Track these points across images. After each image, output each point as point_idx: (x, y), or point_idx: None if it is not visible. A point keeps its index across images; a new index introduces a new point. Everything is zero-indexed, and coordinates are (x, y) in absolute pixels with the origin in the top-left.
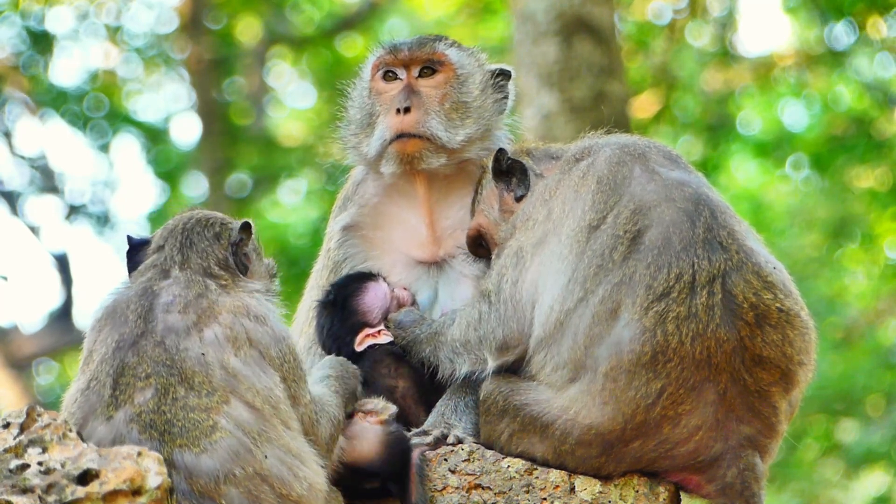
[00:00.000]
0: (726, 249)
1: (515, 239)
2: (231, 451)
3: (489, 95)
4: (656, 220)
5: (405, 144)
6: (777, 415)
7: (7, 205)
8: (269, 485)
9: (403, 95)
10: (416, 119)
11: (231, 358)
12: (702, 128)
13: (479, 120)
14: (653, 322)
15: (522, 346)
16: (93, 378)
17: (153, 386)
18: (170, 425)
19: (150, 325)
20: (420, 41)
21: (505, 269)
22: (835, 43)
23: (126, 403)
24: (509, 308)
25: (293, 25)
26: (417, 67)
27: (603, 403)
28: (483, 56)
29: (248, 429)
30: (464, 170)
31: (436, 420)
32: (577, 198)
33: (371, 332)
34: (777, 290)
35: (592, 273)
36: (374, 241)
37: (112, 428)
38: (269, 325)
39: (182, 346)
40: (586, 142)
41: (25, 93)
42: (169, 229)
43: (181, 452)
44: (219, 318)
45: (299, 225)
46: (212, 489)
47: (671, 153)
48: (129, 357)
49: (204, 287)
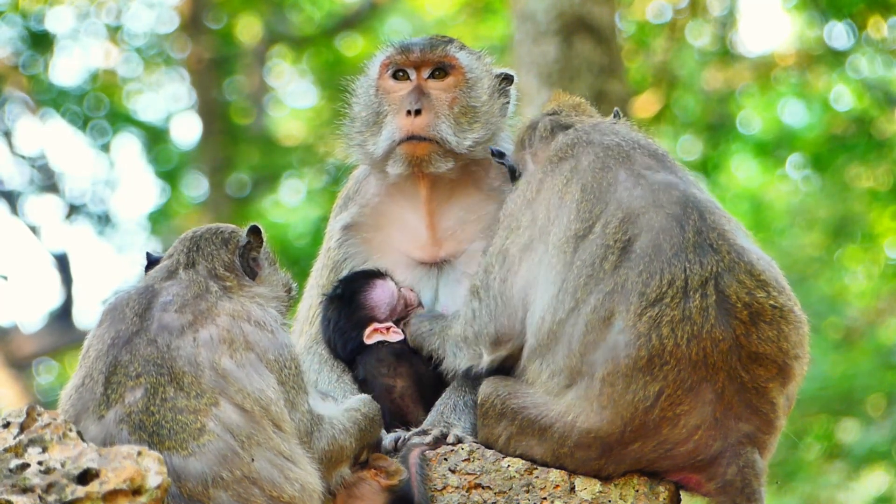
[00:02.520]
0: (717, 251)
1: (500, 237)
2: (219, 454)
3: (496, 100)
4: (645, 227)
5: (415, 147)
6: (775, 410)
7: (7, 204)
8: (258, 487)
9: (414, 97)
10: (427, 122)
11: (224, 359)
12: (702, 127)
13: (487, 125)
14: (647, 327)
15: (515, 340)
16: (87, 375)
17: (143, 385)
18: (159, 427)
19: (146, 323)
20: (432, 43)
21: (491, 266)
22: (835, 43)
23: (117, 403)
24: (499, 303)
25: (293, 25)
26: (428, 69)
27: (601, 408)
28: (490, 60)
29: (237, 432)
30: (467, 172)
31: (435, 419)
32: (561, 205)
33: (380, 327)
34: (770, 288)
35: (582, 283)
36: (375, 241)
37: (103, 428)
38: (270, 330)
39: (174, 345)
40: (571, 136)
41: (25, 92)
42: (180, 239)
43: (170, 455)
44: (216, 319)
45: (300, 225)
46: (200, 493)
47: (657, 151)
48: (122, 355)
49: (205, 288)
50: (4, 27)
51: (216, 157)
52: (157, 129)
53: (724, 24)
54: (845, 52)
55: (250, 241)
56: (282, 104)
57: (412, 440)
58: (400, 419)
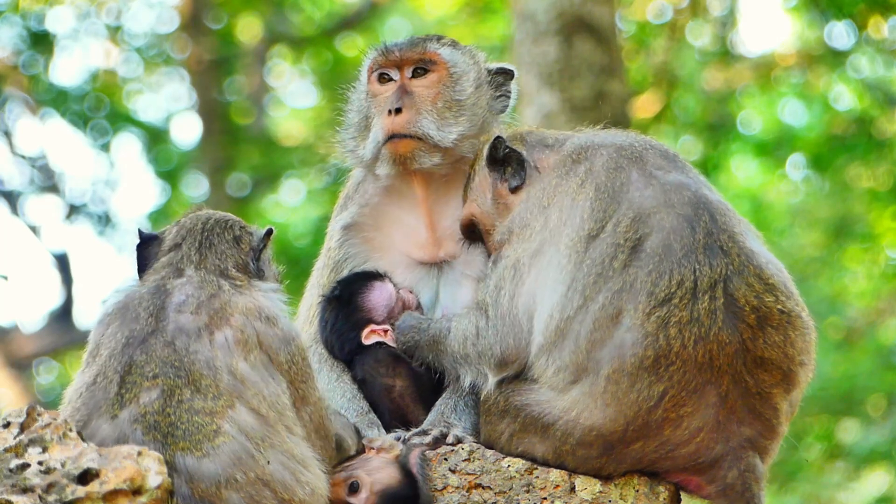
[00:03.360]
0: (727, 253)
1: (513, 248)
2: (233, 456)
3: (484, 93)
4: (656, 227)
5: (397, 145)
6: (778, 416)
7: (7, 204)
8: (270, 490)
9: (395, 96)
10: (407, 119)
11: (240, 363)
12: (702, 127)
13: (473, 118)
14: (655, 326)
15: (521, 360)
16: (99, 373)
17: (160, 387)
18: (173, 428)
19: (162, 323)
20: (412, 41)
21: (503, 281)
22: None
23: (131, 402)
24: (507, 323)
25: (293, 25)
26: (410, 68)
27: (605, 405)
28: (481, 55)
29: (252, 434)
30: (461, 169)
31: (435, 419)
32: (574, 206)
33: (378, 328)
34: (778, 292)
35: (592, 281)
36: (375, 241)
37: (116, 427)
38: (280, 326)
39: (192, 348)
40: (583, 139)
41: (26, 92)
42: (187, 228)
43: (183, 456)
44: (230, 320)
45: (300, 225)
46: (213, 494)
47: (668, 152)
48: (137, 355)
49: (217, 287)
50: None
51: (216, 157)
52: (157, 129)
53: (725, 24)
54: (845, 52)
55: (264, 244)
56: (282, 104)
57: (412, 440)
58: (400, 419)
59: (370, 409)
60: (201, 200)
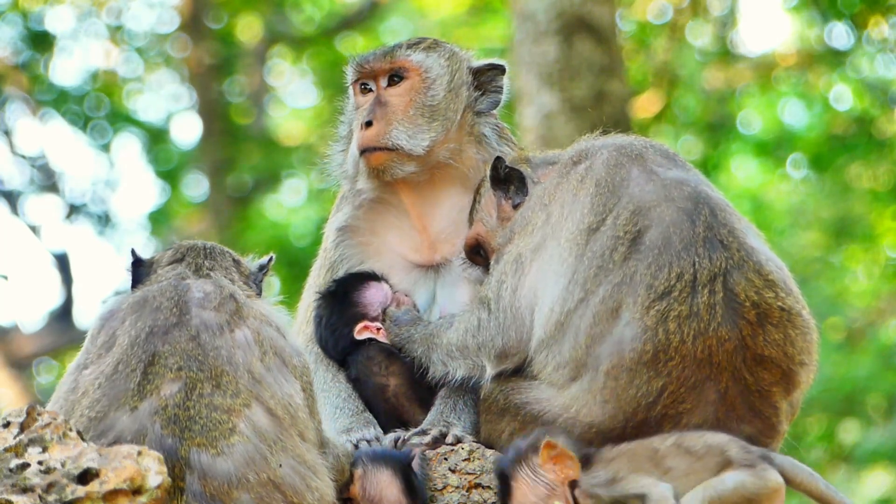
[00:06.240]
0: (727, 248)
1: (515, 245)
2: (247, 456)
3: (462, 94)
4: (656, 220)
5: (369, 158)
6: (778, 415)
7: (7, 204)
8: (281, 493)
9: (368, 109)
10: (377, 132)
11: (256, 362)
12: (702, 127)
13: (446, 122)
14: (654, 321)
15: (521, 354)
16: (121, 361)
17: (183, 379)
18: (192, 422)
19: (185, 317)
20: (383, 51)
21: (504, 275)
22: (835, 43)
23: (152, 394)
24: (508, 316)
25: (294, 25)
26: (384, 77)
27: (604, 402)
28: (465, 53)
29: (266, 435)
30: (445, 171)
31: (434, 419)
32: (575, 201)
33: (371, 325)
34: (778, 289)
35: (592, 274)
36: (371, 244)
37: (136, 420)
38: (289, 338)
39: (216, 343)
40: (583, 144)
41: (26, 92)
42: (186, 247)
43: (199, 452)
44: (247, 321)
45: (300, 225)
46: (224, 493)
47: (668, 152)
48: (161, 346)
49: (231, 291)
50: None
51: (216, 157)
52: (157, 129)
53: (725, 24)
54: (845, 52)
55: (266, 269)
56: (282, 104)
57: (412, 440)
58: (396, 419)
59: (365, 409)
60: (201, 201)
